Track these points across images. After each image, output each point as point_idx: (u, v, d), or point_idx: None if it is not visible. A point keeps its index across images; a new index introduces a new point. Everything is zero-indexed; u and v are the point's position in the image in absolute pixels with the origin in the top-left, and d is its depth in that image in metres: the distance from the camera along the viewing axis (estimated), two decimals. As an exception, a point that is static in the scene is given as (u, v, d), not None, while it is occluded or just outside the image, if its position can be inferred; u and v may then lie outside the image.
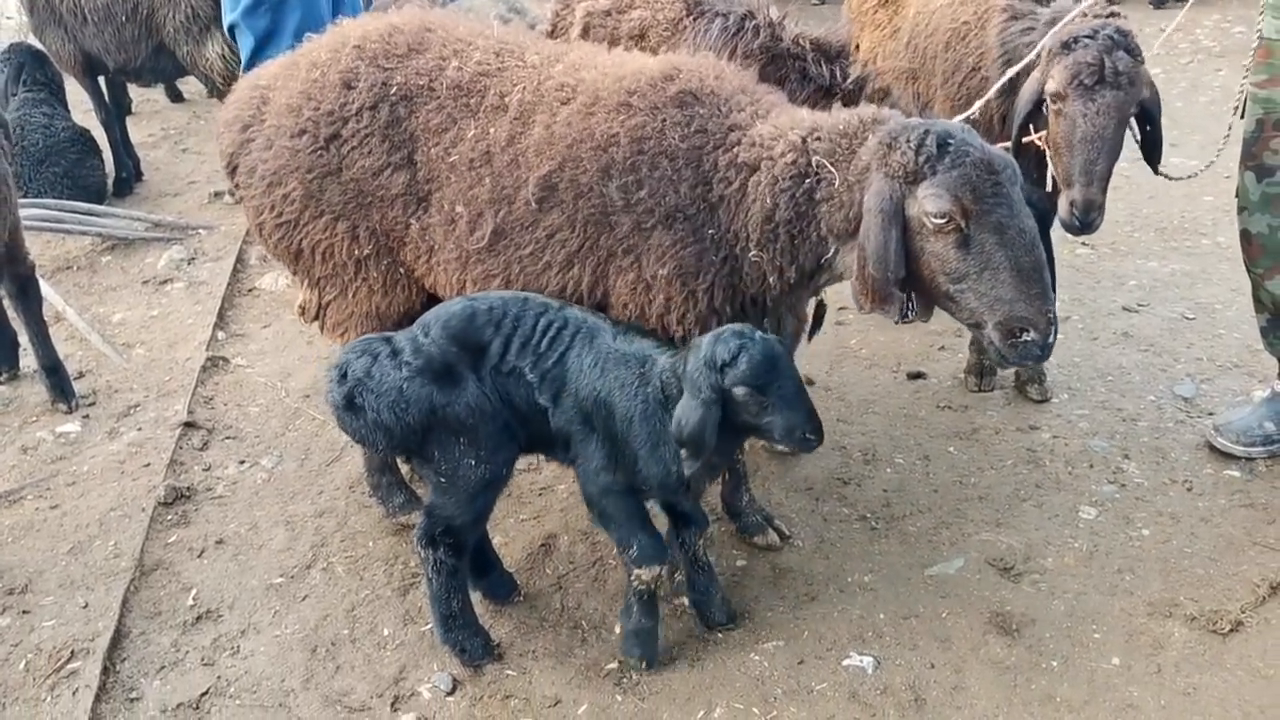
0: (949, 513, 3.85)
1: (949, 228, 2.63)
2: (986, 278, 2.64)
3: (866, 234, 2.66)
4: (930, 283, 2.74)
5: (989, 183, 2.60)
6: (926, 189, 2.61)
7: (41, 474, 4.28)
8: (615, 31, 3.76)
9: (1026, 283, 2.63)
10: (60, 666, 3.36)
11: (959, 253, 2.65)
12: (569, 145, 3.02)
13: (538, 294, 3.10)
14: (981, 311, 2.69)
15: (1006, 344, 2.70)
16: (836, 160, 2.79)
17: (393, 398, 2.96)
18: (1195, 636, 3.25)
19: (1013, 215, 2.62)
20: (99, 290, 5.85)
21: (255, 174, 3.35)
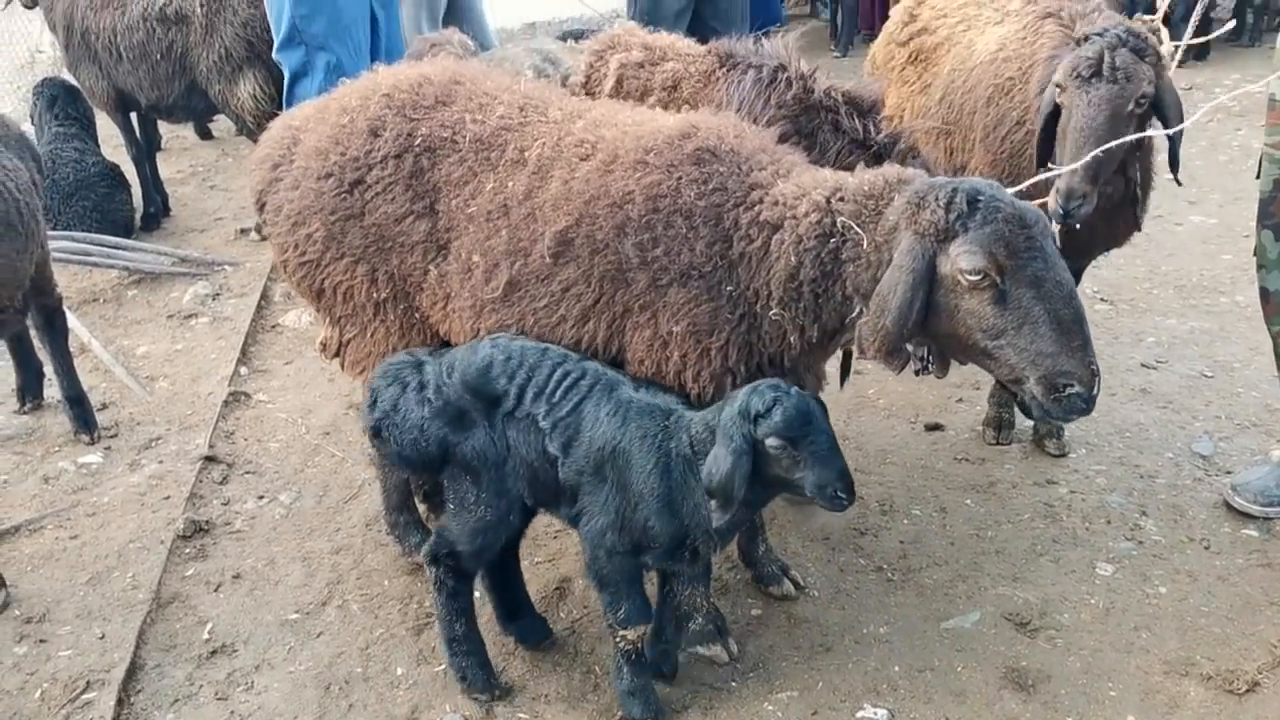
0: (965, 566, 3.84)
1: (984, 284, 2.64)
2: (1026, 332, 2.64)
3: (892, 288, 2.68)
4: (967, 340, 2.74)
5: (1022, 237, 2.62)
6: (959, 246, 2.63)
7: (62, 504, 4.31)
8: (649, 83, 3.79)
9: (1068, 335, 2.62)
10: (75, 697, 3.37)
11: (995, 309, 2.65)
12: (586, 201, 3.06)
13: (560, 346, 3.13)
14: (1022, 367, 2.68)
15: (1050, 399, 2.67)
16: (863, 221, 2.81)
17: (414, 435, 3.11)
18: (1211, 696, 3.23)
19: (1048, 268, 2.63)
20: (124, 323, 5.92)
21: (282, 212, 3.41)
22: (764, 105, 3.58)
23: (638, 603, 3.10)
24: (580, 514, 3.07)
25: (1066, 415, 2.70)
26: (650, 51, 3.90)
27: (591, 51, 3.96)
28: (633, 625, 3.08)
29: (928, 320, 2.75)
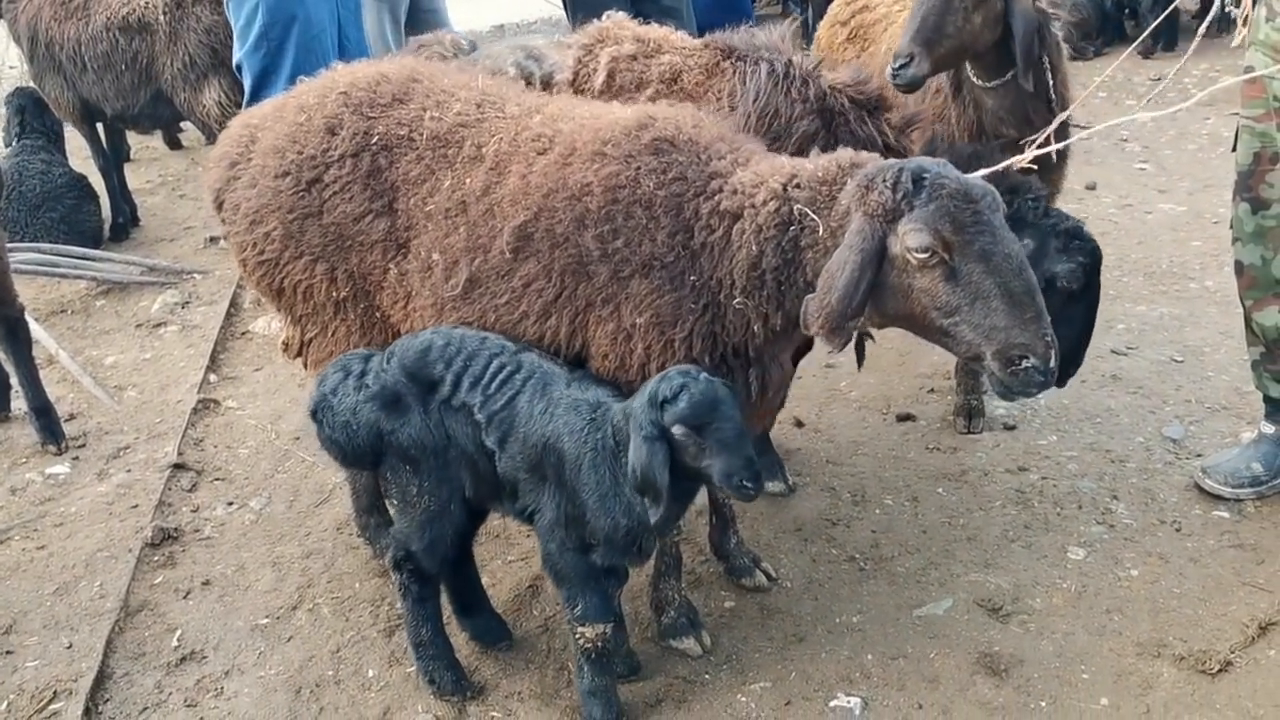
0: (938, 553, 3.84)
1: (933, 261, 2.63)
2: (979, 308, 2.62)
3: (840, 266, 2.66)
4: (923, 320, 2.73)
5: (968, 212, 2.61)
6: (906, 225, 2.62)
7: (29, 515, 4.27)
8: (644, 76, 3.73)
9: (1019, 308, 2.61)
10: (43, 707, 3.34)
11: (947, 286, 2.64)
12: (544, 195, 3.03)
13: (502, 336, 3.10)
14: (978, 343, 2.67)
15: (1007, 373, 2.66)
16: (818, 207, 2.80)
17: (345, 419, 3.11)
18: (1184, 677, 3.23)
19: (996, 242, 2.62)
20: (93, 334, 5.87)
21: (239, 211, 3.38)
22: (785, 97, 3.56)
23: (595, 600, 3.06)
24: (528, 509, 3.06)
25: (1025, 389, 2.68)
26: (643, 44, 3.84)
27: (579, 46, 3.89)
28: (590, 622, 3.05)
29: (885, 302, 2.74)
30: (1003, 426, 4.59)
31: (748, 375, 3.06)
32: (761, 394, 3.11)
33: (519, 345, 3.07)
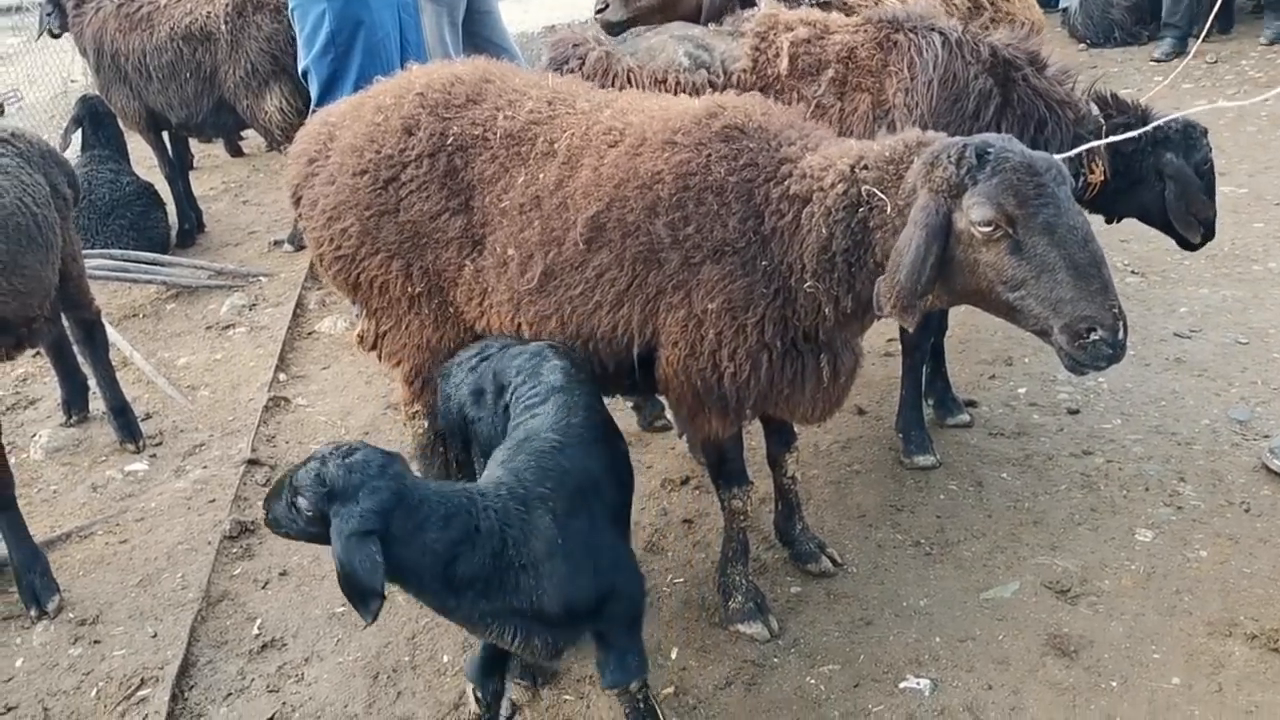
0: (1003, 537, 3.85)
1: (997, 235, 2.65)
2: (1044, 281, 2.63)
3: (907, 244, 2.69)
4: (990, 294, 2.75)
5: (1031, 185, 2.62)
6: (970, 199, 2.64)
7: (111, 511, 4.41)
8: (822, 58, 3.81)
9: (1085, 280, 2.61)
10: (130, 694, 3.45)
11: (1013, 259, 2.66)
12: (615, 185, 3.09)
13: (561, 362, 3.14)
14: (1046, 316, 2.67)
15: (1075, 346, 2.66)
16: (885, 187, 2.83)
17: (447, 393, 3.30)
18: (1256, 655, 3.22)
19: (1060, 214, 2.63)
20: (164, 336, 6.02)
21: (317, 207, 3.47)
22: (960, 61, 3.70)
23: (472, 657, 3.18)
24: None
25: (1094, 362, 2.67)
26: (813, 27, 3.95)
27: (753, 34, 3.99)
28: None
29: (953, 278, 2.76)
30: (1066, 411, 4.58)
31: (819, 360, 3.10)
32: (833, 379, 3.14)
33: (561, 382, 3.01)
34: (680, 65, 4.05)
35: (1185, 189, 4.03)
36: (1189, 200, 4.05)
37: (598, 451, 2.92)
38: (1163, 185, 4.04)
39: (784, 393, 3.14)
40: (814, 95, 3.86)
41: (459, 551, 2.56)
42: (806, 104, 3.83)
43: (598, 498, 2.83)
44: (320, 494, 2.46)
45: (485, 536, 2.59)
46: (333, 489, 2.46)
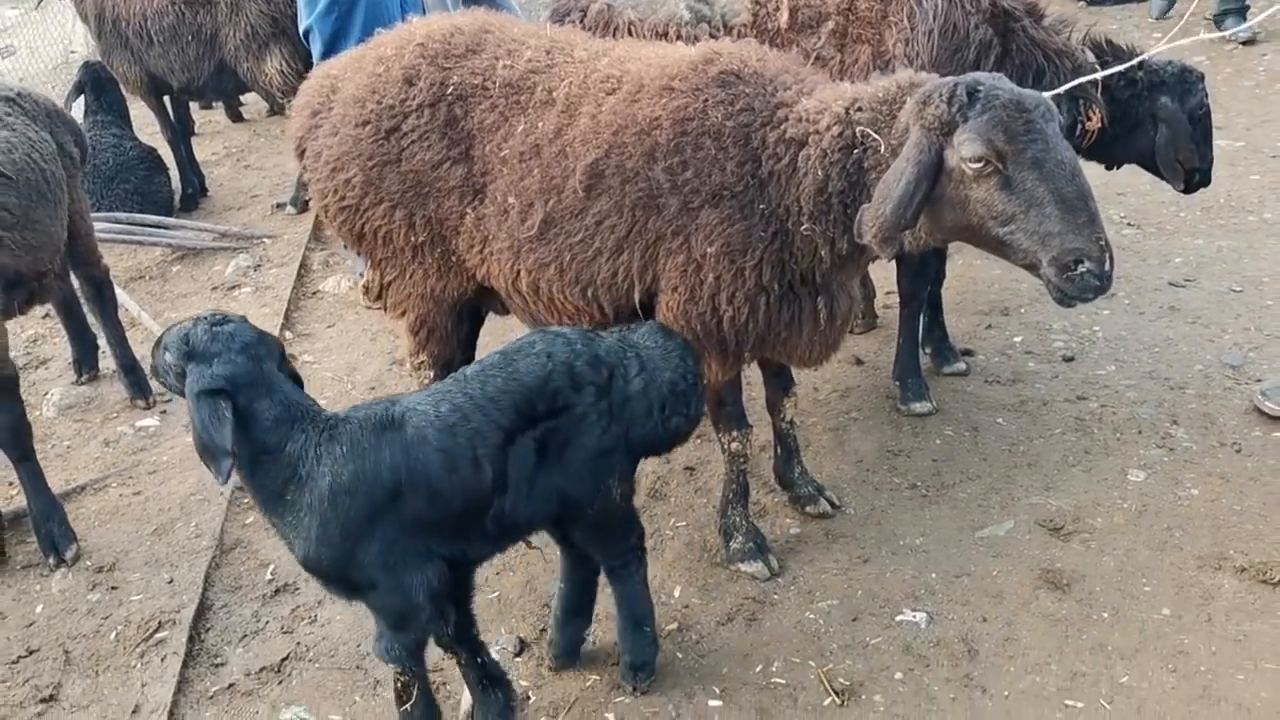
0: (998, 479, 3.93)
1: (987, 171, 2.71)
2: (1033, 215, 2.70)
3: (896, 176, 2.75)
4: (981, 230, 2.81)
5: (1020, 121, 2.68)
6: (961, 136, 2.70)
7: (124, 464, 4.49)
8: (821, 10, 3.83)
9: (1073, 214, 2.68)
10: (149, 636, 3.55)
11: (1002, 194, 2.72)
12: (614, 132, 3.14)
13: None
14: (1034, 250, 2.74)
15: (1064, 279, 2.73)
16: (879, 127, 2.89)
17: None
18: (1245, 587, 3.31)
19: (1049, 150, 2.69)
20: (171, 297, 6.09)
21: (321, 158, 3.52)
22: (960, 11, 3.77)
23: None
24: None
25: (1081, 294, 2.74)
26: None
27: None
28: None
29: (943, 214, 2.83)
30: (1061, 358, 4.65)
31: (815, 303, 3.17)
32: (830, 322, 3.21)
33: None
34: (681, 19, 4.10)
35: (1174, 133, 4.09)
36: (1177, 145, 4.11)
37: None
38: (1155, 129, 4.10)
39: (781, 335, 3.21)
40: (814, 48, 3.91)
41: (261, 459, 2.64)
42: (806, 57, 3.87)
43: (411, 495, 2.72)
44: (182, 351, 2.61)
45: (285, 456, 2.64)
46: (193, 349, 2.60)
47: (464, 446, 2.70)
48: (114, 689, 3.36)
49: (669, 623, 3.43)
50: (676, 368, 2.97)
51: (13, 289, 3.88)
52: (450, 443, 2.70)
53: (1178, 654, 3.10)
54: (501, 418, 2.74)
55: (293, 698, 3.28)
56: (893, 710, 3.03)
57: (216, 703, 3.29)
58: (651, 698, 3.16)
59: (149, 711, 3.26)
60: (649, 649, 3.19)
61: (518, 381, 2.78)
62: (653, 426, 2.93)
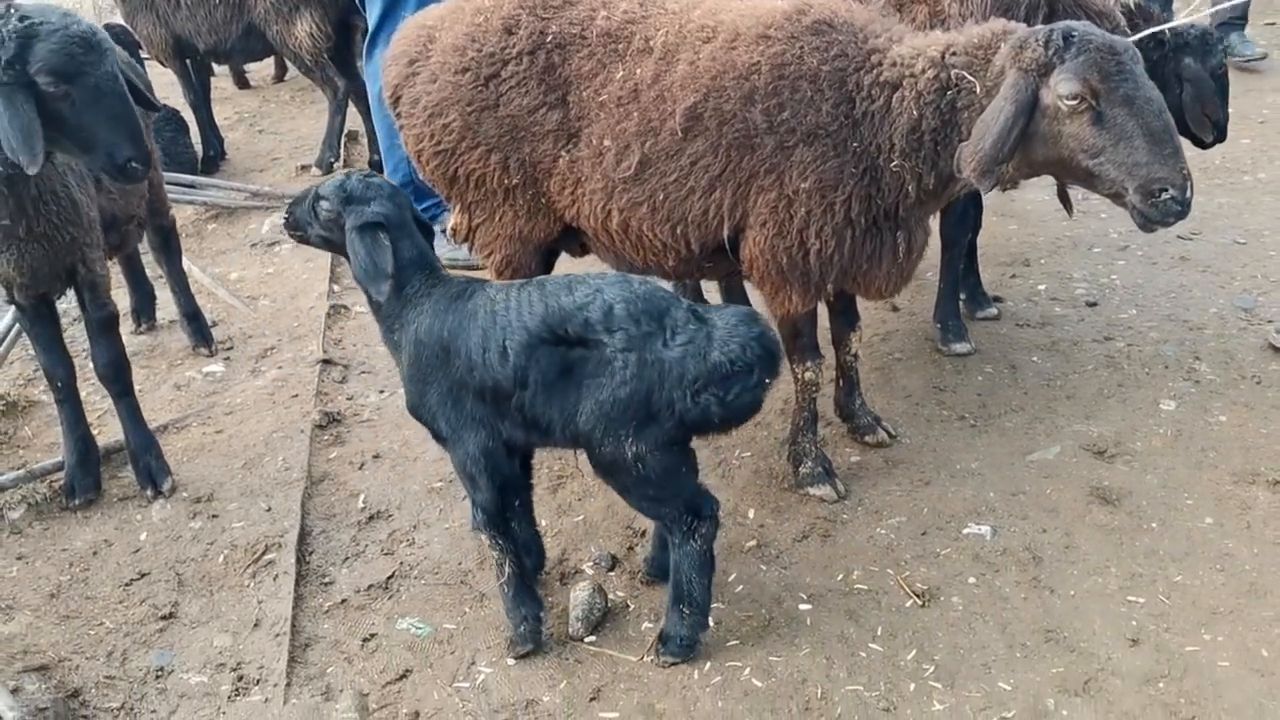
0: (1041, 410, 4.23)
1: (1082, 107, 3.00)
2: (1122, 148, 3.00)
3: (995, 114, 3.03)
4: (1071, 162, 3.10)
5: (1113, 63, 2.98)
6: (1058, 75, 2.99)
7: (200, 405, 4.67)
8: None
9: (1160, 145, 2.98)
10: (257, 558, 3.74)
11: (1094, 129, 3.01)
12: (713, 77, 3.38)
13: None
14: (1121, 179, 3.04)
15: (1148, 204, 3.04)
16: (974, 70, 3.16)
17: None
18: (1278, 498, 3.63)
19: (1138, 88, 2.99)
20: (210, 254, 6.24)
21: (419, 105, 3.72)
22: None
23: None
24: None
25: (1164, 218, 3.05)
26: None
27: None
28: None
29: (1035, 150, 3.11)
30: (1085, 304, 4.97)
31: (895, 236, 3.43)
32: (907, 254, 3.48)
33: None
34: None
35: (1200, 91, 4.39)
36: (1203, 101, 4.41)
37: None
38: (1181, 89, 4.40)
39: (862, 268, 3.48)
40: (873, 8, 4.15)
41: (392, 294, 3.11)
42: None
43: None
44: (340, 197, 3.11)
45: (403, 296, 3.13)
46: (350, 195, 3.11)
47: (496, 333, 3.01)
48: (231, 606, 3.56)
49: (748, 540, 3.69)
50: (730, 351, 2.89)
51: (108, 231, 4.03)
52: (489, 325, 3.03)
53: (1223, 556, 3.42)
54: (531, 322, 2.98)
55: (404, 610, 3.50)
56: (971, 609, 3.31)
57: (332, 616, 3.50)
58: (743, 603, 3.42)
59: (269, 625, 3.46)
60: (679, 626, 3.18)
61: (557, 300, 3.00)
62: (681, 397, 2.90)
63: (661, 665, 3.20)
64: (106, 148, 3.24)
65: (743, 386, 2.92)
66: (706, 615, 3.20)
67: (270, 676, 3.25)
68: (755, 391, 2.95)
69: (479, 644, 3.33)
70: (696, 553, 3.13)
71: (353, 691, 3.17)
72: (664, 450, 3.01)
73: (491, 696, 3.14)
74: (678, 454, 3.07)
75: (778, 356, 3.00)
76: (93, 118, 3.19)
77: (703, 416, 2.94)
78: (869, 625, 3.28)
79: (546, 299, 3.02)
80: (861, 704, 3.01)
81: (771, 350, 2.97)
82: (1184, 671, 3.02)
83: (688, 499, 3.12)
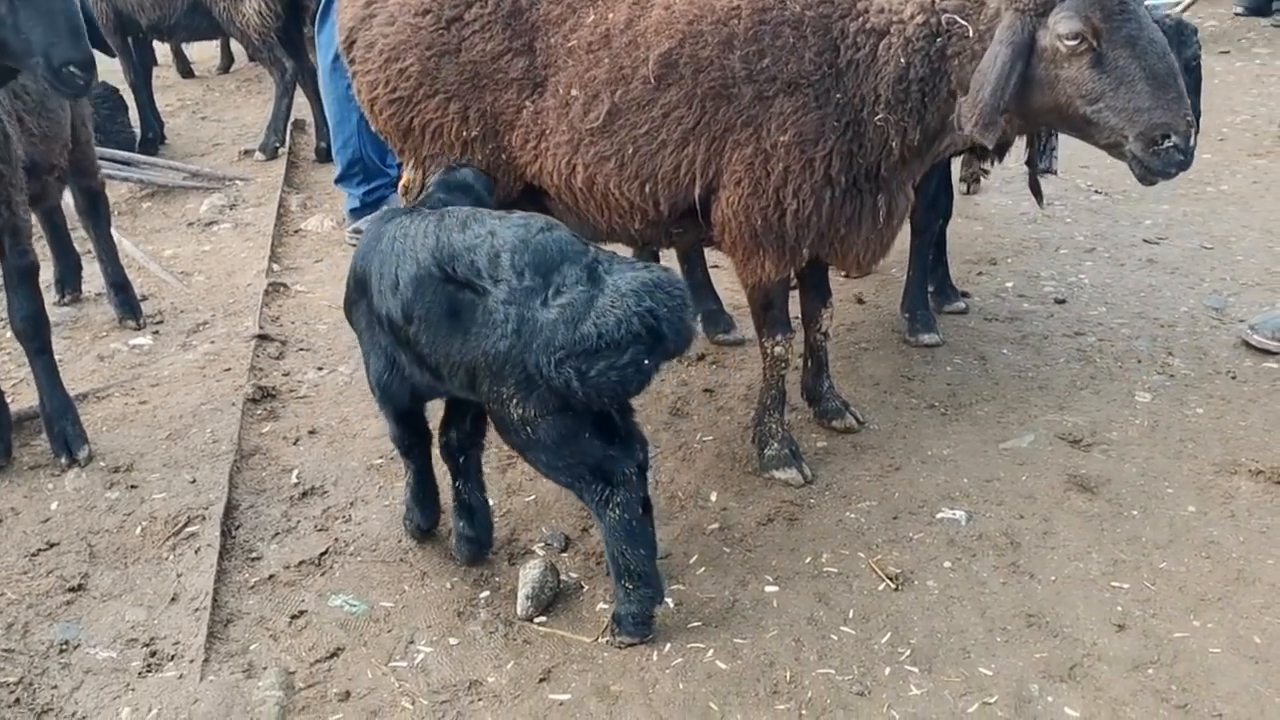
0: (1013, 400, 4.07)
1: (1082, 48, 2.83)
2: (1123, 92, 2.84)
3: (991, 61, 2.86)
4: (1067, 109, 2.94)
5: (1115, 2, 2.83)
6: (1057, 15, 2.82)
7: (124, 377, 4.37)
8: None
9: (1163, 89, 2.83)
10: (178, 531, 3.46)
11: (1093, 72, 2.85)
12: (690, 22, 3.19)
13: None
14: (1121, 126, 2.87)
15: (1149, 153, 2.87)
16: (967, 14, 2.99)
17: None
18: (1262, 488, 3.49)
19: (1142, 29, 2.83)
20: (144, 232, 5.93)
21: (374, 48, 3.49)
22: None
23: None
24: None
25: (1165, 169, 2.89)
26: None
27: None
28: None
29: (1031, 96, 2.94)
30: (1053, 300, 4.83)
31: (876, 199, 3.25)
32: (887, 220, 3.30)
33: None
34: None
35: None
36: None
37: None
38: None
39: (840, 232, 3.29)
40: None
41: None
42: None
43: None
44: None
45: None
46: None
47: (391, 261, 2.92)
48: (147, 579, 3.27)
49: (711, 523, 3.47)
50: (603, 323, 2.61)
51: (29, 178, 3.74)
52: (388, 252, 2.95)
53: (1209, 544, 3.26)
54: (421, 255, 2.85)
55: (338, 587, 3.22)
56: (947, 593, 3.11)
57: (258, 592, 3.22)
58: (706, 585, 3.19)
59: (188, 599, 3.17)
60: (626, 603, 2.95)
61: (449, 236, 2.86)
62: (546, 364, 2.65)
63: (617, 646, 2.96)
64: (43, 48, 2.96)
65: (609, 364, 2.61)
66: (656, 590, 2.95)
67: (186, 652, 2.97)
68: (624, 371, 2.62)
69: (419, 622, 3.07)
70: (619, 523, 2.86)
71: (277, 669, 2.90)
72: (555, 415, 2.77)
73: (431, 677, 2.88)
74: (572, 420, 2.79)
75: (664, 338, 2.65)
76: (28, 14, 2.92)
77: (566, 389, 2.66)
78: (840, 608, 3.07)
79: (440, 232, 2.88)
80: (834, 687, 2.79)
81: (655, 329, 2.63)
82: (1174, 658, 2.84)
83: (593, 465, 2.85)
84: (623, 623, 2.96)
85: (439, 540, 3.40)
